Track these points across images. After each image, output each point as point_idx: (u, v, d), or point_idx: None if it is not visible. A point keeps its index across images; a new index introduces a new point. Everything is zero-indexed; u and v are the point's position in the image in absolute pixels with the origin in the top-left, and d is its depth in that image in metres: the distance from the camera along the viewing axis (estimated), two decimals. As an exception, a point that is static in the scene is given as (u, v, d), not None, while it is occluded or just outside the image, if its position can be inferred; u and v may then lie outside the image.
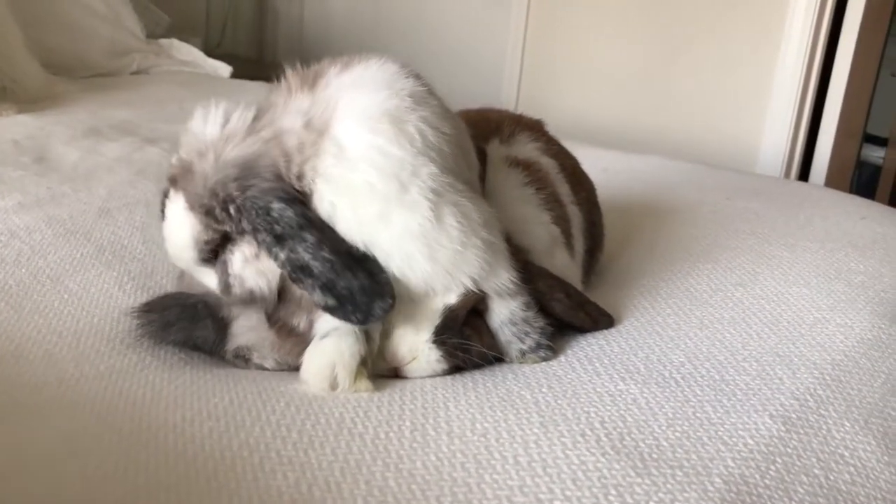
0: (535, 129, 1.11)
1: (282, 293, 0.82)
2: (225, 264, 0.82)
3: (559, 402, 0.76)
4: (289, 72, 0.90)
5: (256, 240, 0.77)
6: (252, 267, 0.81)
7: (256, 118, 0.82)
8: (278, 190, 0.77)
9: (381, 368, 0.83)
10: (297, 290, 0.80)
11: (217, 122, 0.81)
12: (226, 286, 0.82)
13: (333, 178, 0.78)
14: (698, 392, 0.80)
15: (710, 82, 2.68)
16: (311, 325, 0.82)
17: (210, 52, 3.37)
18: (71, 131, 1.77)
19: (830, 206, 1.56)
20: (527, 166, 1.03)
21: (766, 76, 2.59)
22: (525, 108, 3.04)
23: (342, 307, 0.76)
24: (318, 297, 0.76)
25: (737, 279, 1.11)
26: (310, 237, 0.76)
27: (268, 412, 0.71)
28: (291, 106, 0.83)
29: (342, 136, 0.79)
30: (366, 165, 0.78)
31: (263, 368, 0.85)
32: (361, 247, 0.79)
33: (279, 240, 0.76)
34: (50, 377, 0.76)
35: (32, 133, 1.72)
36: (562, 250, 1.00)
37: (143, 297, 0.97)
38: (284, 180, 0.78)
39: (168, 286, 0.99)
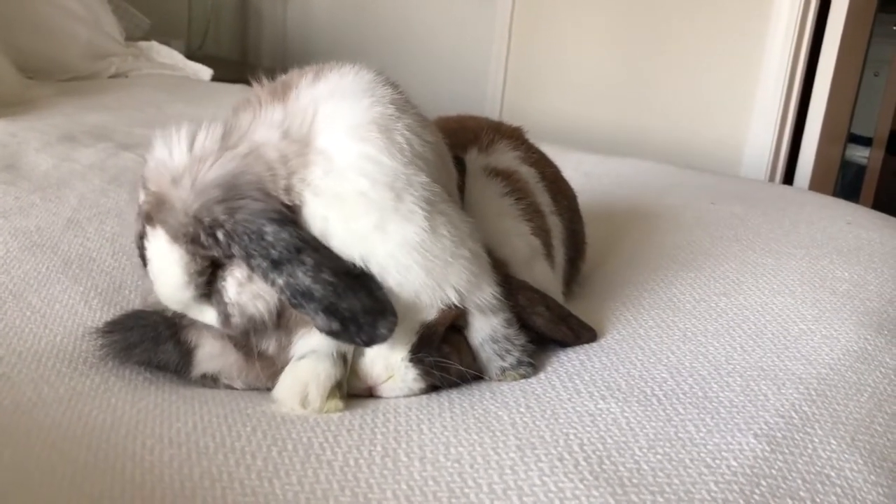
0: (514, 137, 1.09)
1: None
2: (220, 293, 0.77)
3: (537, 423, 0.74)
4: (255, 85, 0.86)
5: (250, 266, 0.73)
6: (248, 291, 0.76)
7: (225, 135, 0.78)
8: (269, 210, 0.73)
9: (356, 387, 0.80)
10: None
11: (183, 146, 0.77)
12: (226, 317, 0.78)
13: (324, 190, 0.75)
14: (681, 410, 0.78)
15: (694, 84, 2.67)
16: (280, 347, 0.79)
17: (192, 55, 3.34)
18: (45, 137, 1.73)
19: (815, 211, 1.54)
20: (506, 176, 1.00)
21: (751, 77, 2.58)
22: (509, 111, 3.04)
23: (346, 330, 0.73)
24: (321, 321, 0.72)
25: (721, 288, 1.09)
26: (308, 260, 0.72)
27: (233, 437, 0.68)
28: (263, 118, 0.80)
29: (329, 147, 0.76)
30: (357, 175, 0.75)
31: (233, 388, 0.83)
32: (358, 261, 0.75)
33: (276, 265, 0.72)
34: (5, 401, 0.73)
35: (4, 140, 1.67)
36: (542, 262, 0.98)
37: (110, 313, 0.93)
38: (272, 196, 0.74)
39: (135, 301, 0.96)
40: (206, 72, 2.63)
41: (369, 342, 0.74)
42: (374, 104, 0.79)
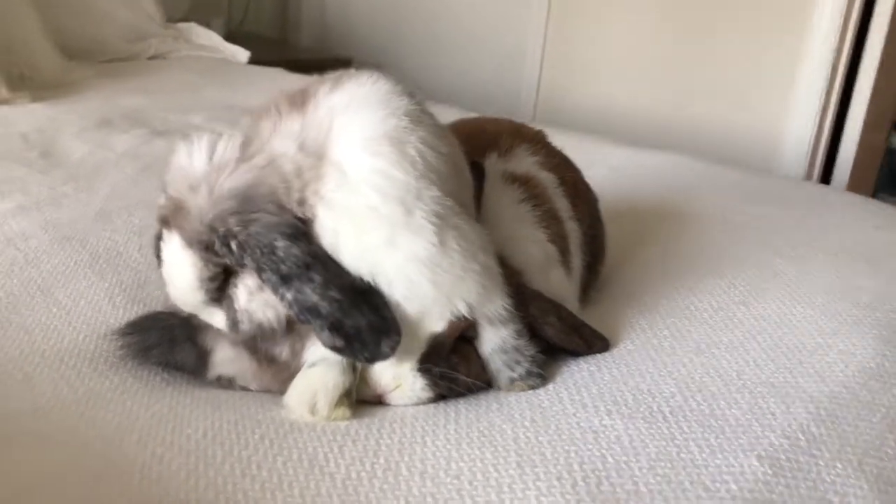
0: (534, 141, 1.09)
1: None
2: (231, 300, 0.79)
3: (540, 438, 0.75)
4: (276, 94, 0.87)
5: (261, 278, 0.75)
6: (258, 299, 0.78)
7: (245, 144, 0.80)
8: (282, 224, 0.75)
9: (365, 394, 0.82)
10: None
11: (203, 154, 0.79)
12: (234, 323, 0.80)
13: (336, 203, 0.76)
14: (685, 428, 0.78)
15: (734, 69, 2.63)
16: (293, 353, 0.81)
17: (232, 32, 3.37)
18: (82, 122, 1.77)
19: (846, 213, 1.52)
20: (524, 182, 1.01)
21: (793, 60, 2.53)
22: (546, 94, 3.02)
23: (350, 347, 0.74)
24: (325, 337, 0.74)
25: (740, 297, 1.09)
26: (317, 277, 0.74)
27: (240, 446, 0.70)
28: (282, 129, 0.81)
29: (342, 159, 0.77)
30: (369, 189, 0.76)
31: (248, 390, 0.85)
32: (366, 275, 0.77)
33: (285, 280, 0.73)
34: (25, 404, 0.75)
35: (43, 125, 1.72)
36: (557, 269, 0.98)
37: (133, 311, 0.96)
38: (286, 209, 0.76)
39: (159, 299, 0.98)
40: (243, 54, 2.65)
41: (372, 359, 0.76)
42: (389, 116, 0.80)
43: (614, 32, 2.89)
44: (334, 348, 0.74)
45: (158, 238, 0.82)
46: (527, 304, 0.88)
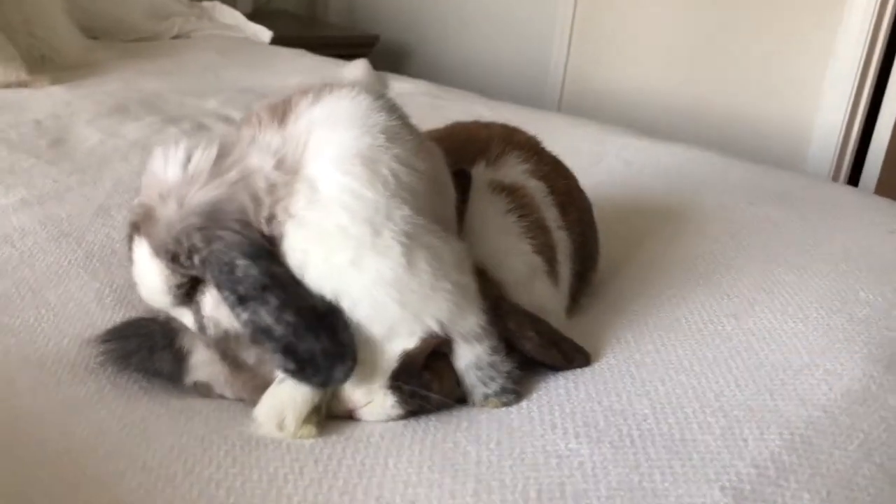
0: (526, 147, 1.08)
1: None
2: (198, 305, 0.81)
3: (502, 462, 0.75)
4: (258, 103, 0.88)
5: (221, 295, 0.76)
6: (224, 308, 0.79)
7: (221, 156, 0.80)
8: (245, 243, 0.75)
9: (337, 409, 0.82)
10: None
11: (178, 163, 0.79)
12: (201, 327, 0.82)
13: (305, 221, 0.77)
14: (652, 454, 0.77)
15: (765, 59, 2.58)
16: (260, 360, 0.82)
17: (260, 9, 3.37)
18: (98, 107, 1.79)
19: (860, 216, 1.49)
20: (512, 191, 1.00)
21: (825, 54, 2.48)
22: (573, 76, 2.99)
23: (302, 371, 0.75)
24: (278, 360, 0.75)
25: (732, 308, 1.07)
26: (273, 299, 0.74)
27: (203, 464, 0.72)
28: (261, 142, 0.81)
29: (315, 177, 0.77)
30: (338, 208, 0.76)
31: (224, 398, 0.86)
32: (329, 295, 0.77)
33: (242, 300, 0.74)
34: (2, 413, 0.77)
35: (58, 110, 1.74)
36: (543, 280, 0.98)
37: (121, 313, 0.98)
38: (252, 227, 0.76)
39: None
40: (265, 33, 2.66)
41: (324, 384, 0.77)
42: (364, 134, 0.80)
43: (644, 17, 2.84)
44: (286, 371, 0.75)
45: (130, 239, 0.83)
46: (505, 319, 0.88)
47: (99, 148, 1.53)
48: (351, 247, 0.75)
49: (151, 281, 0.80)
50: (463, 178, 0.98)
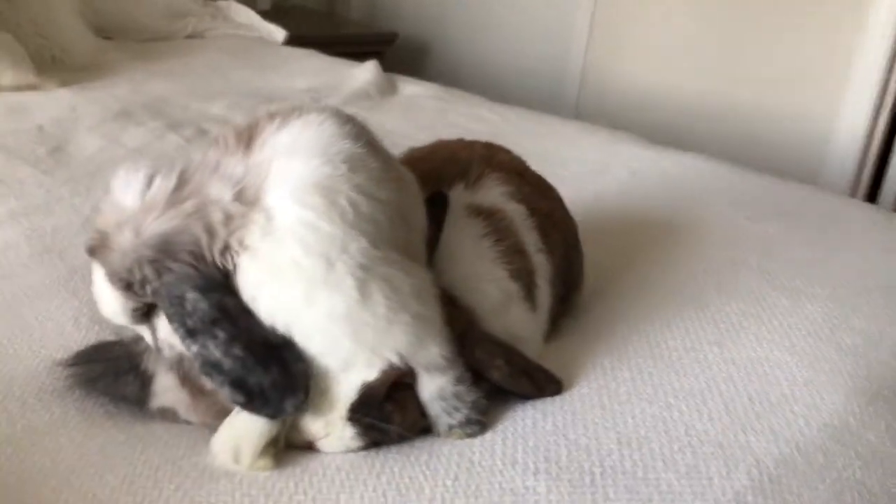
0: (507, 169, 1.06)
1: None
2: (154, 327, 0.82)
3: (456, 500, 0.74)
4: (226, 128, 0.87)
5: (171, 327, 0.76)
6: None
7: (181, 184, 0.80)
8: (195, 276, 0.75)
9: (296, 440, 0.82)
10: None
11: (137, 190, 0.79)
12: (158, 348, 0.83)
13: (259, 254, 0.76)
14: (611, 494, 0.76)
15: (784, 52, 2.54)
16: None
17: (279, 5, 3.37)
18: (102, 112, 1.80)
19: (866, 233, 1.45)
20: (489, 215, 0.98)
21: (847, 56, 2.43)
22: (592, 70, 2.95)
23: (252, 403, 0.75)
24: (227, 393, 0.75)
25: (717, 335, 1.05)
26: (221, 333, 0.74)
27: (153, 497, 0.72)
28: (223, 169, 0.80)
29: (271, 207, 0.77)
30: (293, 241, 0.75)
31: (189, 423, 0.86)
32: (281, 328, 0.77)
33: (191, 333, 0.74)
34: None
35: (62, 115, 1.75)
36: (518, 306, 0.96)
37: (96, 334, 0.98)
38: (206, 260, 0.76)
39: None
40: (279, 33, 2.65)
41: (274, 416, 0.76)
42: (325, 164, 0.78)
43: (665, 15, 2.80)
44: (235, 403, 0.75)
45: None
46: (472, 348, 0.87)
47: (97, 156, 1.54)
48: (303, 281, 0.75)
49: (108, 303, 0.81)
50: (440, 202, 0.97)
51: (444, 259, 0.94)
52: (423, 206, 0.91)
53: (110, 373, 0.86)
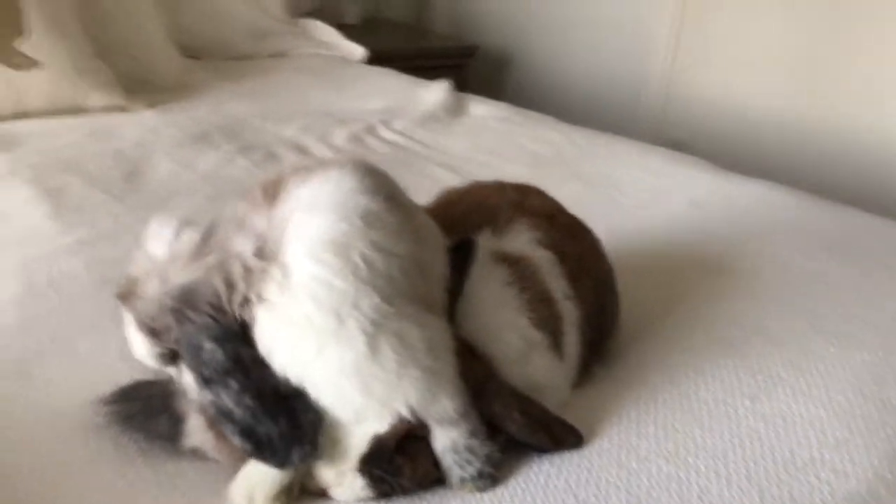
0: (538, 213, 1.06)
1: None
2: (180, 371, 0.86)
3: (455, 558, 0.75)
4: (255, 182, 0.90)
5: (190, 374, 0.81)
6: None
7: (207, 236, 0.84)
8: (213, 328, 0.79)
9: (312, 486, 0.85)
10: None
11: (166, 242, 0.84)
12: (183, 391, 0.87)
13: (275, 308, 0.79)
14: (611, 561, 0.76)
15: (881, 68, 2.42)
16: None
17: (370, 19, 3.44)
18: (180, 135, 1.88)
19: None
20: (514, 262, 0.99)
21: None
22: (677, 83, 2.89)
23: (260, 452, 0.79)
24: (236, 441, 0.79)
25: (752, 388, 1.03)
26: (234, 384, 0.78)
27: (163, 543, 0.76)
28: (248, 223, 0.84)
29: (289, 263, 0.80)
30: (306, 297, 0.78)
31: (218, 462, 0.90)
32: (294, 381, 0.80)
33: (206, 382, 0.79)
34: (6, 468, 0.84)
35: (143, 138, 1.84)
36: (542, 355, 0.96)
37: (141, 372, 1.03)
38: (225, 312, 0.80)
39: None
40: (358, 51, 2.70)
41: (281, 465, 0.79)
42: (340, 220, 0.81)
43: (753, 26, 2.72)
44: (245, 451, 0.79)
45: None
46: (490, 400, 0.88)
47: (170, 181, 1.62)
48: (315, 335, 0.78)
49: (137, 345, 0.87)
50: (467, 249, 0.98)
51: (467, 307, 0.95)
52: (445, 254, 0.93)
53: (146, 411, 0.91)
